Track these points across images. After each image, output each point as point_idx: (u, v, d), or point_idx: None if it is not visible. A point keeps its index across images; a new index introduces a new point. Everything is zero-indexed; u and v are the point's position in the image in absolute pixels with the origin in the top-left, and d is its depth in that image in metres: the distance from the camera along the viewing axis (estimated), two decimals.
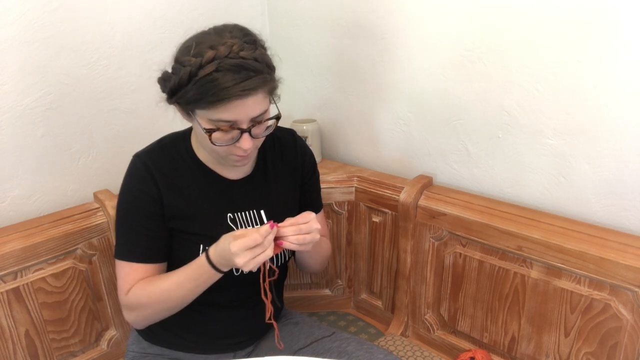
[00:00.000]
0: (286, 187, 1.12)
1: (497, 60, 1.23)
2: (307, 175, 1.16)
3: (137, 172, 1.01)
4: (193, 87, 0.86)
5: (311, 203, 1.18)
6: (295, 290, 1.62)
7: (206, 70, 0.84)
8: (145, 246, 1.01)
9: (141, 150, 1.05)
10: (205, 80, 0.84)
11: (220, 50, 0.85)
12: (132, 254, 1.01)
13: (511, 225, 1.19)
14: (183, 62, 0.87)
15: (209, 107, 0.87)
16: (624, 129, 1.09)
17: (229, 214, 1.05)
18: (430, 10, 1.32)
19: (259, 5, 1.71)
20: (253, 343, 1.17)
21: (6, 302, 1.16)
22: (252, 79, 0.85)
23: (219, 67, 0.84)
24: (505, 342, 1.27)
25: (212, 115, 0.88)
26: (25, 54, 1.24)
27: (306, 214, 0.94)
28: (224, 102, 0.85)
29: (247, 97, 0.86)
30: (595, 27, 1.07)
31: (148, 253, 1.01)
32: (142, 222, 1.00)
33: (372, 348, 1.07)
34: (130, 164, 1.03)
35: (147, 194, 0.99)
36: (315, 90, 1.70)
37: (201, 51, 0.86)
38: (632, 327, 1.05)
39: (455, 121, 1.37)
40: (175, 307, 1.00)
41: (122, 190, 1.02)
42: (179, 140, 1.06)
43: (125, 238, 1.01)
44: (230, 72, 0.84)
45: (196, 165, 1.04)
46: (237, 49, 0.86)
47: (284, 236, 0.92)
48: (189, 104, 0.90)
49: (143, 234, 1.00)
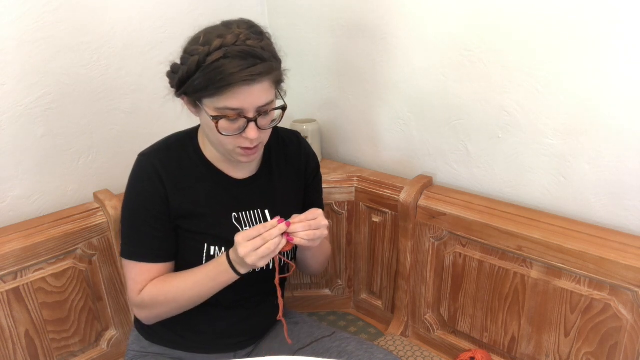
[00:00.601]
0: (290, 187, 1.13)
1: (497, 60, 1.23)
2: (310, 177, 1.17)
3: (143, 172, 1.01)
4: (201, 75, 0.87)
5: (313, 204, 1.18)
6: (295, 290, 1.62)
7: (213, 57, 0.86)
8: (155, 247, 1.01)
9: (147, 149, 1.05)
10: (212, 67, 0.86)
11: (227, 38, 0.87)
12: (141, 255, 1.01)
13: (511, 225, 1.19)
14: (191, 51, 0.89)
15: (215, 94, 0.88)
16: (624, 129, 1.09)
17: (234, 213, 1.05)
18: (430, 11, 1.32)
19: (259, 5, 1.71)
20: (253, 343, 1.17)
21: (6, 302, 1.16)
22: (257, 66, 0.87)
23: (227, 54, 0.86)
24: (505, 342, 1.27)
25: (218, 103, 0.89)
26: (25, 54, 1.24)
27: (314, 210, 0.96)
28: (230, 88, 0.87)
29: (253, 84, 0.88)
30: (595, 27, 1.07)
31: (158, 253, 1.02)
32: (149, 222, 1.00)
33: (372, 348, 1.07)
34: (136, 163, 1.03)
35: (155, 194, 1.00)
36: (315, 90, 1.70)
37: (209, 40, 0.88)
38: (632, 327, 1.05)
39: (455, 121, 1.37)
40: (189, 306, 1.02)
41: (129, 190, 1.02)
42: (186, 138, 1.06)
43: (133, 238, 1.02)
44: (237, 58, 0.86)
45: (203, 163, 1.04)
46: (244, 37, 0.88)
47: (294, 232, 0.93)
48: (196, 93, 0.91)
49: (152, 235, 1.01)
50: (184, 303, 1.01)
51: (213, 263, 0.98)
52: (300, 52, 1.68)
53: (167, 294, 1.00)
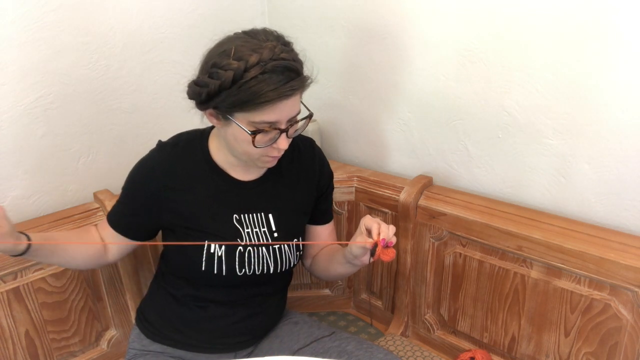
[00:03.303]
0: (298, 194, 1.12)
1: (497, 60, 1.23)
2: (324, 186, 1.16)
3: (144, 164, 1.06)
4: (238, 91, 0.87)
5: (324, 212, 1.19)
6: (295, 290, 1.62)
7: (251, 74, 0.85)
8: (117, 214, 1.09)
9: (165, 141, 1.08)
10: (251, 84, 0.86)
11: (263, 53, 0.86)
12: (110, 214, 1.10)
13: (511, 225, 1.19)
14: (224, 66, 0.88)
15: (254, 110, 0.88)
16: (624, 129, 1.09)
17: (235, 214, 1.05)
18: (430, 11, 1.32)
19: (259, 5, 1.71)
20: (254, 343, 1.17)
21: (6, 302, 1.16)
22: (295, 80, 0.89)
23: (265, 70, 0.86)
24: (505, 342, 1.27)
25: (254, 118, 0.89)
26: (25, 54, 1.24)
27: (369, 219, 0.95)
28: (270, 104, 0.87)
29: (290, 98, 0.89)
30: (595, 27, 1.07)
31: (117, 221, 1.08)
32: (128, 198, 1.08)
33: (372, 348, 1.08)
34: (150, 151, 1.07)
35: (144, 188, 1.04)
36: (315, 90, 1.69)
37: (242, 55, 0.87)
38: (632, 327, 1.05)
39: (455, 121, 1.37)
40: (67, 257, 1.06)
41: (132, 170, 1.07)
42: (196, 138, 1.07)
43: (116, 205, 1.10)
44: (275, 74, 0.87)
45: (207, 164, 1.05)
46: (279, 51, 0.88)
47: (389, 239, 0.92)
48: (231, 108, 0.90)
49: (123, 206, 1.08)
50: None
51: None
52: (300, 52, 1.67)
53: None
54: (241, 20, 1.66)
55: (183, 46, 1.52)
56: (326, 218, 1.20)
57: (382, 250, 0.91)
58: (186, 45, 1.52)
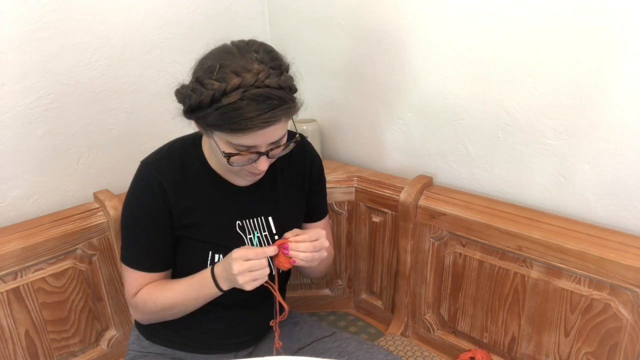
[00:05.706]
0: (294, 192, 1.12)
1: (497, 60, 1.23)
2: (315, 180, 1.16)
3: (146, 184, 0.99)
4: (215, 113, 0.84)
5: (317, 208, 1.18)
6: (295, 290, 1.62)
7: (230, 99, 0.82)
8: (151, 256, 1.02)
9: (149, 156, 1.03)
10: (228, 108, 0.83)
11: (246, 78, 0.82)
12: (138, 263, 1.02)
13: (511, 225, 1.19)
14: (205, 84, 0.85)
15: (230, 133, 0.86)
16: (624, 129, 1.09)
17: (238, 221, 1.05)
18: (430, 11, 1.32)
19: (259, 5, 1.71)
20: (254, 344, 1.17)
21: (6, 302, 1.16)
22: (275, 110, 0.84)
23: (244, 96, 0.82)
24: (505, 342, 1.27)
25: (232, 140, 0.87)
26: (25, 54, 1.24)
27: (318, 231, 0.97)
28: (245, 132, 0.85)
29: (270, 126, 0.86)
30: (595, 27, 1.07)
31: (153, 262, 1.03)
32: (147, 232, 1.00)
33: (372, 348, 1.08)
34: (138, 171, 1.02)
35: (155, 206, 0.99)
36: (315, 90, 1.70)
37: (225, 76, 0.83)
38: (632, 327, 1.05)
39: (455, 121, 1.37)
40: (179, 313, 1.03)
41: (130, 197, 1.01)
42: (189, 145, 1.04)
43: (132, 245, 1.03)
44: (254, 101, 0.82)
45: (206, 172, 1.03)
46: (263, 77, 0.83)
47: (295, 252, 0.94)
48: (209, 126, 0.89)
49: (149, 245, 1.01)
50: (174, 311, 1.02)
51: (199, 275, 0.99)
52: (300, 52, 1.68)
53: (156, 300, 1.00)
54: (241, 20, 1.66)
55: (183, 46, 1.52)
56: (320, 213, 1.19)
57: (280, 255, 0.96)
58: (186, 45, 1.52)
